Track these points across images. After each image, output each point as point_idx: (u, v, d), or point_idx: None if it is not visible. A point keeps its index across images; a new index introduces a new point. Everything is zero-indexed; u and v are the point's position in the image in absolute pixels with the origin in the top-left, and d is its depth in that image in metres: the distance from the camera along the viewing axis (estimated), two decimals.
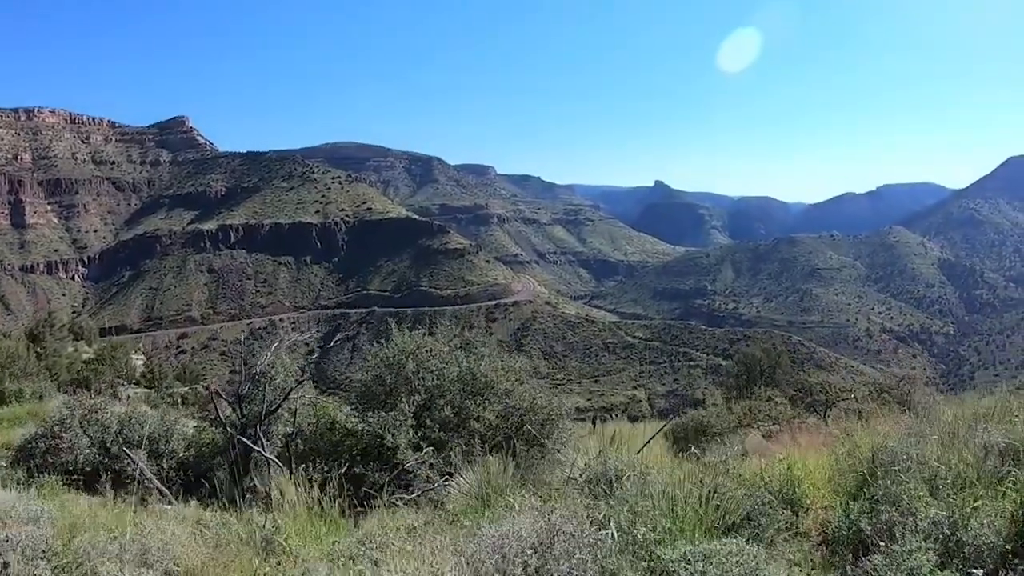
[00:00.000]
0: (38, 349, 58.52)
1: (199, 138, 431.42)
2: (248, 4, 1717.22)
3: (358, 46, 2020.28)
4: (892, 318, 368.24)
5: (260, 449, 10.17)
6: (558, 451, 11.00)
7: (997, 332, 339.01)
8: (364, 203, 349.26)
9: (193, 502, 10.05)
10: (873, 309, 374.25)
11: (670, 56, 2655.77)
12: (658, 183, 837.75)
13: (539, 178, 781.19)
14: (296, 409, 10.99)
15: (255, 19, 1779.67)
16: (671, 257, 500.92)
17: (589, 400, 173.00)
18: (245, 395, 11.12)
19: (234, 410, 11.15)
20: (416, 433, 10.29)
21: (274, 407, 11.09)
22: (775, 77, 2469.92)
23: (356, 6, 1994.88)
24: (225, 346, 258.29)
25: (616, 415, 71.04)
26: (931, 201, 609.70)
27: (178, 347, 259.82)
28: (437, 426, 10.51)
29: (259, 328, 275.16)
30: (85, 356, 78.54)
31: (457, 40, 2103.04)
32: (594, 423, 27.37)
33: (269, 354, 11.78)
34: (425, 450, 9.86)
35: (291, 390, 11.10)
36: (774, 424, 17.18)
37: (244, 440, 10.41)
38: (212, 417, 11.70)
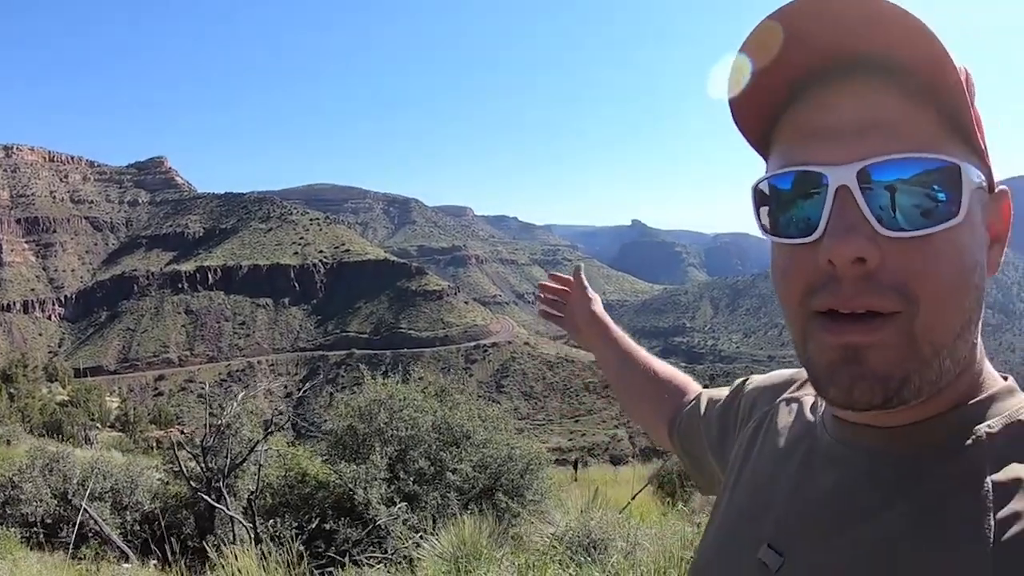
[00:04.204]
0: (11, 390, 57.68)
1: (178, 178, 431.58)
2: (227, 46, 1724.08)
3: (337, 87, 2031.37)
4: None
5: (224, 507, 9.68)
6: (538, 502, 10.59)
7: None
8: (342, 245, 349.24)
9: (152, 563, 9.56)
10: None
11: (645, 95, 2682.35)
12: (635, 222, 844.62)
13: (516, 219, 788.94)
14: (261, 463, 10.51)
15: (234, 60, 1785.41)
16: (649, 295, 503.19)
17: (570, 440, 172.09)
18: (209, 447, 10.63)
19: (197, 463, 10.64)
20: (389, 486, 9.84)
21: (239, 460, 10.60)
22: None
23: (334, 48, 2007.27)
24: (202, 388, 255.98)
25: (598, 455, 70.54)
26: None
27: (155, 389, 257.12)
28: (411, 478, 10.05)
29: (237, 370, 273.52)
30: (59, 398, 77.61)
31: (435, 82, 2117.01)
32: (575, 467, 26.85)
33: (235, 404, 11.30)
34: (398, 505, 9.40)
35: (257, 442, 10.63)
36: None
37: (206, 498, 9.90)
38: (175, 470, 11.17)
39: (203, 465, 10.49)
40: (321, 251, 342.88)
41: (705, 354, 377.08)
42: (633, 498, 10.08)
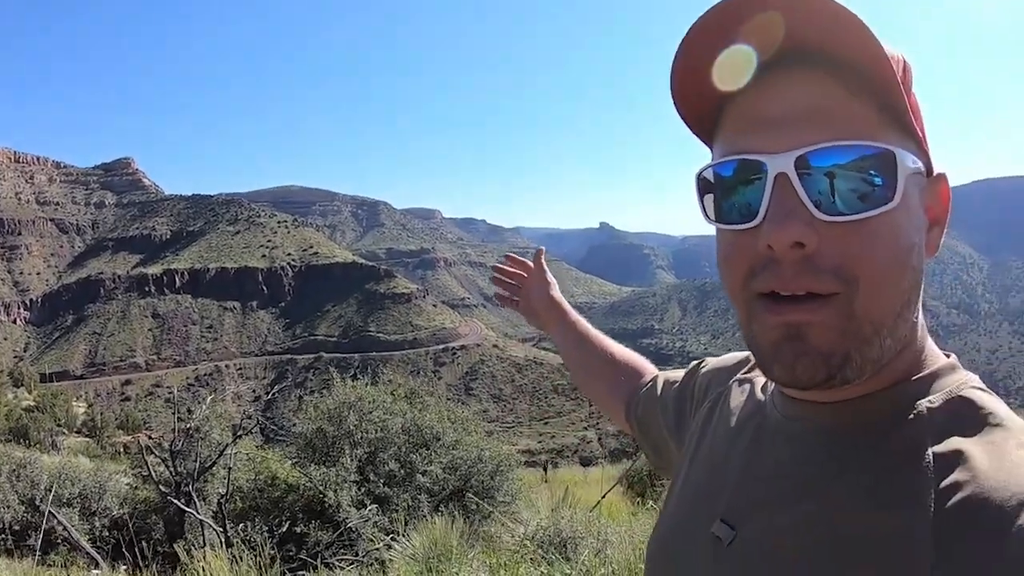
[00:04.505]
0: None
1: (145, 180, 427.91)
2: (197, 46, 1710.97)
3: (307, 89, 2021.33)
4: None
5: (194, 511, 9.65)
6: (508, 503, 10.63)
7: None
8: (311, 247, 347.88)
9: (123, 568, 9.52)
10: None
11: (620, 100, 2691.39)
12: (603, 224, 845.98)
13: (485, 221, 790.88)
14: (231, 466, 10.47)
15: (204, 61, 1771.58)
16: (617, 297, 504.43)
17: (540, 442, 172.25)
18: (179, 451, 10.59)
19: (166, 467, 10.60)
20: (360, 489, 9.85)
21: (209, 464, 10.58)
22: None
23: (304, 50, 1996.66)
24: (170, 393, 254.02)
25: (568, 456, 70.59)
26: None
27: (122, 394, 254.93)
28: (382, 481, 10.07)
29: (205, 374, 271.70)
30: (25, 403, 76.72)
31: (405, 85, 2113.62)
32: (545, 469, 26.99)
33: (204, 408, 11.27)
34: (369, 507, 9.42)
35: (227, 446, 10.61)
36: None
37: (176, 502, 9.87)
38: (144, 474, 11.13)
39: (172, 469, 10.45)
40: (289, 254, 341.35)
41: (674, 356, 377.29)
42: (603, 497, 10.17)
